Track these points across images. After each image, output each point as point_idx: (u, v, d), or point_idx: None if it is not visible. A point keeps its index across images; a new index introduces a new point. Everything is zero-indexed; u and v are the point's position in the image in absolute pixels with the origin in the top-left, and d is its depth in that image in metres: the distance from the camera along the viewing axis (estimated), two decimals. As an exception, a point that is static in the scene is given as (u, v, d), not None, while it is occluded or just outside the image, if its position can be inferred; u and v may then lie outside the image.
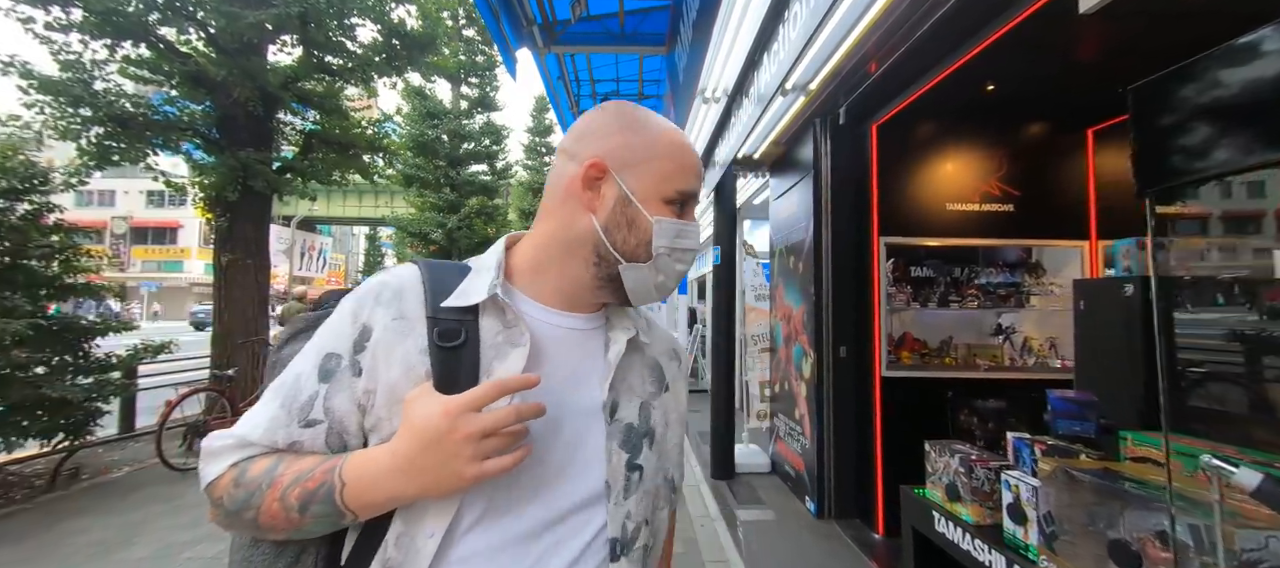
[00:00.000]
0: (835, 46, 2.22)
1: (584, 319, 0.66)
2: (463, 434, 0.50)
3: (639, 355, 0.69)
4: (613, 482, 0.61)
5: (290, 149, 6.65)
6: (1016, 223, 3.14)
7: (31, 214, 4.20)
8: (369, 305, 0.58)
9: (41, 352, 3.94)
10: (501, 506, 0.56)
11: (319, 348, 0.58)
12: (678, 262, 0.63)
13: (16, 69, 4.65)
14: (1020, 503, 1.37)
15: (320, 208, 30.72)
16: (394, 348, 0.56)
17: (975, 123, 3.13)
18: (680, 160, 0.64)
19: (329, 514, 0.53)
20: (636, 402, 0.66)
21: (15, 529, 3.30)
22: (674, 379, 0.73)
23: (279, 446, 0.56)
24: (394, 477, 0.52)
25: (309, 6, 5.22)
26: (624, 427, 0.64)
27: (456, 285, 0.60)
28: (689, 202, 0.65)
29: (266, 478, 0.53)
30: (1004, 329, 3.29)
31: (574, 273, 0.64)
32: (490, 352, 0.58)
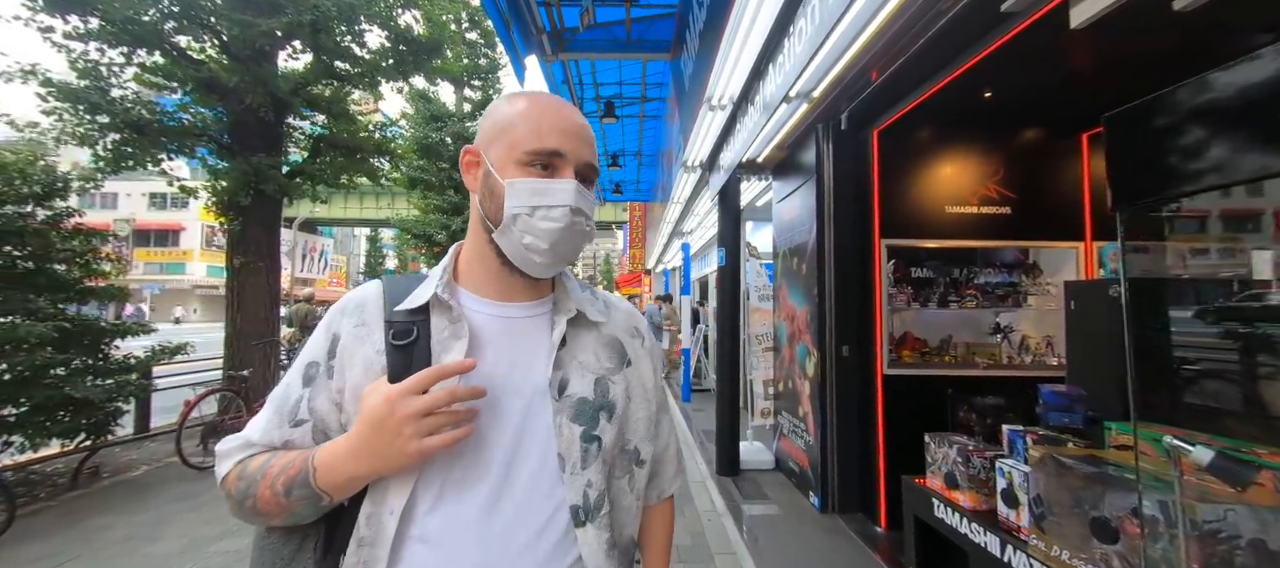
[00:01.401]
0: (838, 56, 2.32)
1: (526, 307, 0.71)
2: (402, 415, 0.57)
3: (593, 333, 0.73)
4: (566, 454, 0.66)
5: (299, 153, 6.76)
6: (1013, 225, 3.24)
7: (53, 219, 4.30)
8: (338, 318, 0.69)
9: (64, 353, 4.04)
10: (457, 484, 0.62)
11: (303, 359, 0.69)
12: (542, 219, 0.64)
13: (37, 76, 4.75)
14: (1013, 488, 1.47)
15: (322, 210, 30.85)
16: (356, 351, 0.66)
17: (973, 128, 3.23)
18: (534, 124, 0.65)
19: (308, 496, 0.61)
20: (590, 377, 0.70)
21: (41, 526, 3.40)
22: (637, 356, 0.76)
23: (276, 444, 0.66)
24: (350, 458, 0.60)
25: (320, 14, 5.32)
26: (576, 402, 0.68)
27: (409, 294, 0.68)
28: (554, 160, 0.65)
29: (261, 471, 0.63)
30: (1002, 328, 3.38)
31: (484, 257, 0.70)
32: (438, 347, 0.65)
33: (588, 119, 4.09)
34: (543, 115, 0.66)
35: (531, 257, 0.66)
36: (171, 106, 5.73)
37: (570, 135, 0.67)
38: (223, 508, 3.69)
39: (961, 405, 2.87)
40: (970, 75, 2.57)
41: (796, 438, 3.76)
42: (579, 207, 0.65)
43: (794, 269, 3.80)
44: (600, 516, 0.67)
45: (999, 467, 1.55)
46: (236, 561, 2.92)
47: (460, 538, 0.61)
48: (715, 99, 3.29)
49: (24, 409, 3.84)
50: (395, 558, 0.61)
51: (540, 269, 0.68)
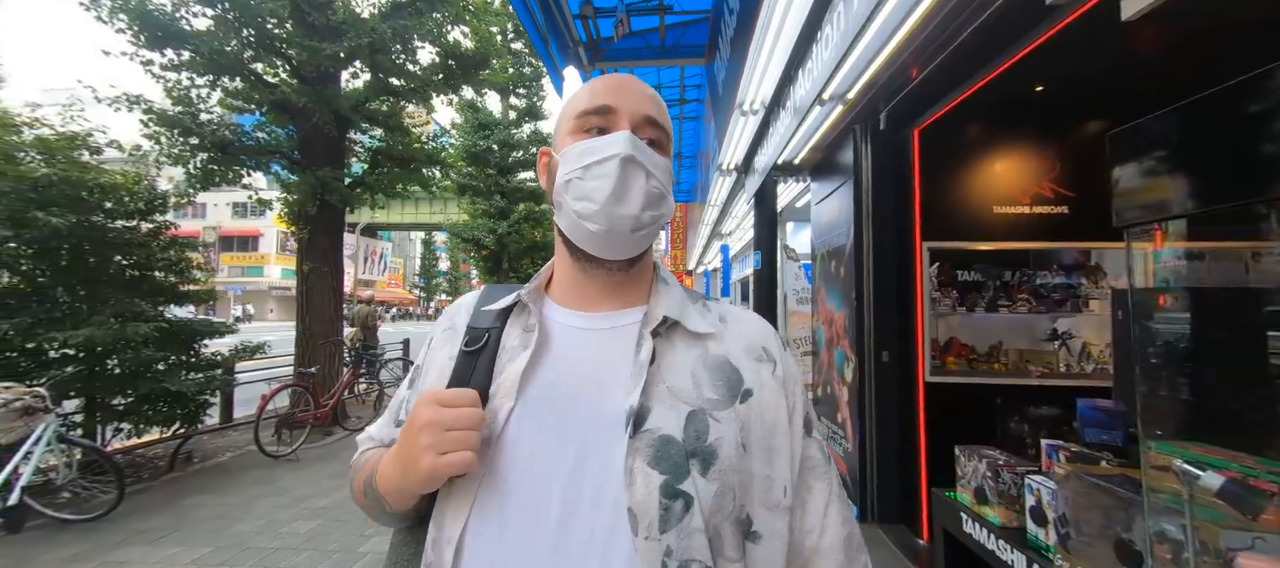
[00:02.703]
0: (871, 59, 2.28)
1: (613, 316, 0.59)
2: (421, 422, 0.50)
3: (696, 351, 0.58)
4: (638, 510, 0.49)
5: (359, 165, 7.25)
6: (1071, 225, 3.05)
7: (154, 231, 4.86)
8: (439, 323, 0.68)
9: (163, 351, 4.55)
10: (511, 521, 0.51)
11: (415, 363, 0.69)
12: (593, 178, 0.55)
13: (140, 105, 5.36)
14: (1042, 506, 1.41)
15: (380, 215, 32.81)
16: (437, 355, 0.64)
17: (1024, 124, 3.07)
18: (588, 91, 0.60)
19: (376, 498, 0.58)
20: (683, 410, 0.53)
21: (146, 503, 3.86)
22: (761, 386, 0.58)
23: (385, 442, 0.67)
24: (391, 462, 0.56)
25: (377, 36, 5.70)
26: (656, 440, 0.52)
27: (502, 297, 0.64)
28: (607, 118, 0.57)
29: (360, 466, 0.64)
30: (1059, 334, 3.18)
31: (562, 257, 0.63)
32: (507, 355, 0.58)
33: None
34: (597, 83, 0.61)
35: (586, 225, 0.55)
36: (250, 126, 6.31)
37: (620, 90, 0.58)
38: (296, 493, 4.05)
39: (1012, 416, 2.74)
40: (1019, 68, 2.45)
41: (835, 445, 3.69)
42: (634, 155, 0.54)
43: (832, 272, 3.73)
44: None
45: (1027, 483, 1.49)
46: (307, 542, 3.21)
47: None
48: (747, 104, 3.29)
49: (130, 400, 4.37)
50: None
51: (601, 243, 0.56)
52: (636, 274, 0.61)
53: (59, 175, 4.13)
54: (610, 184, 0.54)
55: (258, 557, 3.03)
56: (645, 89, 0.61)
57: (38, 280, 4.23)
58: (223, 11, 5.34)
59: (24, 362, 4.03)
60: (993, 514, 1.66)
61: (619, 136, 0.55)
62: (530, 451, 0.53)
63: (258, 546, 3.17)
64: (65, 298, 4.28)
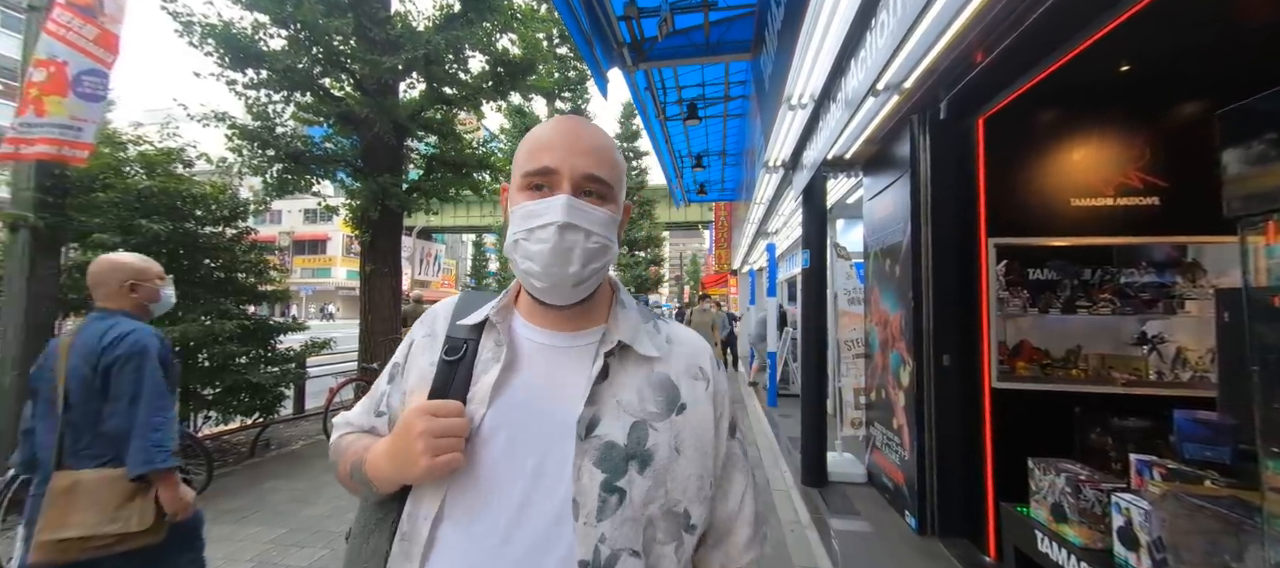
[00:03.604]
0: (930, 45, 2.15)
1: (572, 336, 0.68)
2: (418, 430, 0.59)
3: (643, 370, 0.67)
4: (581, 500, 0.60)
5: (416, 171, 7.62)
6: (1164, 217, 2.76)
7: (237, 236, 5.30)
8: (419, 325, 0.75)
9: (244, 346, 4.96)
10: (479, 507, 0.61)
11: (393, 360, 0.76)
12: (535, 241, 0.62)
13: (225, 121, 5.87)
14: (1132, 527, 1.27)
15: (434, 219, 34.41)
16: (418, 359, 0.71)
17: (1107, 108, 2.81)
18: (531, 146, 0.65)
19: (362, 481, 0.67)
20: (627, 420, 0.63)
21: (231, 486, 4.22)
22: (695, 400, 0.68)
23: (365, 428, 0.75)
24: (382, 458, 0.65)
25: (432, 48, 5.96)
26: (602, 445, 0.62)
27: (475, 310, 0.71)
28: (548, 179, 0.63)
29: (346, 449, 0.72)
30: (1150, 339, 2.89)
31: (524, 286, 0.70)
32: (480, 367, 0.66)
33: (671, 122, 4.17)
34: (541, 136, 0.65)
35: (531, 281, 0.65)
36: (319, 137, 6.77)
37: (564, 149, 0.63)
38: (357, 481, 4.31)
39: (1093, 427, 2.52)
40: (1101, 47, 2.25)
41: (891, 452, 3.52)
42: (571, 221, 0.61)
43: (887, 271, 3.56)
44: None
45: (1115, 502, 1.35)
46: (367, 528, 3.40)
47: (477, 560, 0.61)
48: (795, 98, 3.19)
49: (218, 391, 4.79)
50: (427, 558, 0.62)
51: (545, 293, 0.65)
52: (591, 302, 0.70)
53: (158, 187, 4.59)
54: (549, 248, 0.61)
55: (326, 539, 3.25)
56: (589, 141, 0.65)
57: (142, 282, 4.71)
58: (295, 32, 5.76)
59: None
60: (1073, 534, 1.52)
61: (556, 202, 0.62)
62: (501, 451, 0.62)
63: (326, 529, 3.39)
64: (164, 297, 4.74)
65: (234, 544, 3.19)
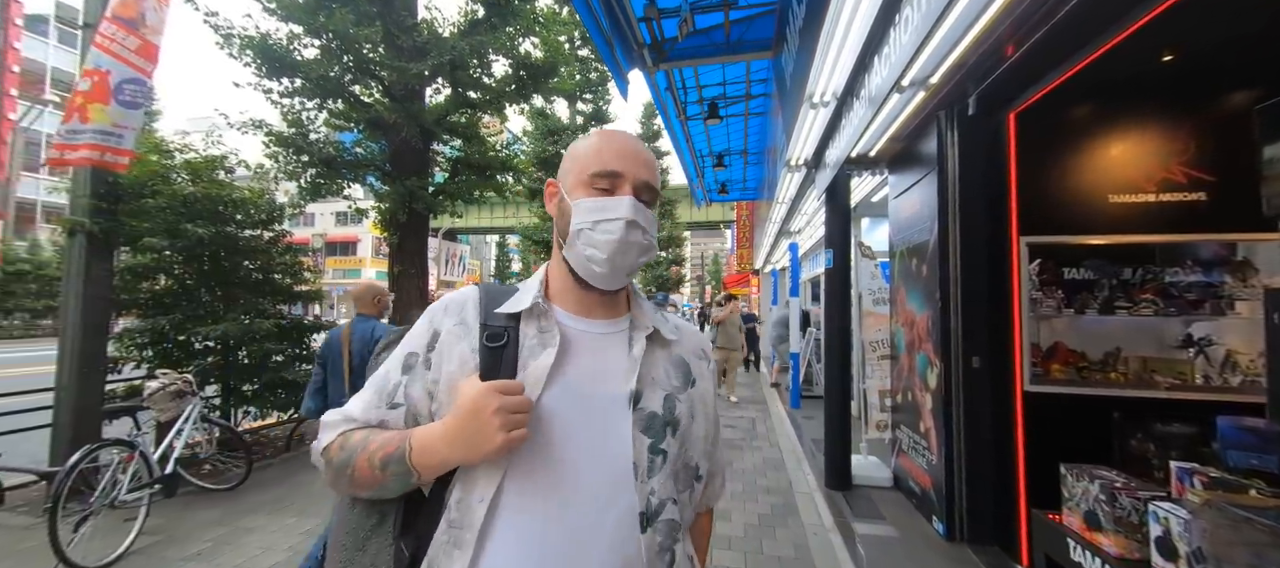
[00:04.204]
0: (957, 39, 2.10)
1: (609, 323, 0.77)
2: (494, 408, 0.63)
3: (665, 353, 0.79)
4: (638, 463, 0.70)
5: (441, 174, 7.79)
6: (1211, 214, 2.63)
7: (274, 238, 5.52)
8: (439, 315, 0.77)
9: (281, 344, 5.16)
10: (538, 481, 0.67)
11: (404, 349, 0.77)
12: (602, 232, 0.71)
13: (262, 129, 6.12)
14: (1171, 537, 1.22)
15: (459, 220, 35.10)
16: (454, 347, 0.73)
17: (1148, 99, 2.69)
18: (596, 151, 0.74)
19: (402, 473, 0.68)
20: (661, 393, 0.75)
21: (269, 477, 4.40)
22: (701, 376, 0.82)
23: (372, 422, 0.74)
24: (443, 443, 0.66)
25: (457, 53, 6.09)
26: (647, 415, 0.72)
27: (505, 300, 0.76)
28: (613, 181, 0.73)
29: (361, 444, 0.70)
30: (1196, 341, 2.75)
31: (563, 274, 0.77)
32: (526, 351, 0.71)
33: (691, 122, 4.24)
34: (605, 143, 0.75)
35: (592, 267, 0.72)
36: (350, 142, 6.99)
37: (628, 158, 0.74)
38: (386, 476, 4.43)
39: (1134, 433, 2.42)
40: (1142, 36, 2.16)
41: (917, 456, 3.44)
42: (635, 219, 0.72)
43: (913, 271, 3.48)
44: (659, 522, 0.71)
45: (1153, 510, 1.29)
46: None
47: (539, 531, 0.66)
48: (816, 96, 3.15)
49: (256, 387, 4.99)
50: (483, 541, 0.66)
51: (601, 279, 0.74)
52: (620, 292, 0.80)
53: (201, 193, 4.81)
54: (616, 240, 0.71)
55: (357, 532, 3.35)
56: (646, 156, 0.77)
57: (186, 283, 4.95)
58: (327, 42, 5.96)
59: (176, 352, 4.74)
60: (1108, 543, 1.46)
61: (624, 202, 0.72)
62: (559, 427, 0.69)
63: (357, 522, 3.50)
64: (206, 297, 4.98)
65: (270, 534, 3.33)
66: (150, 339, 4.61)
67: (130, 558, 2.99)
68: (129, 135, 3.84)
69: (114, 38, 3.73)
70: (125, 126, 3.80)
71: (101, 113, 3.69)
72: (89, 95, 3.67)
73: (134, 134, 3.90)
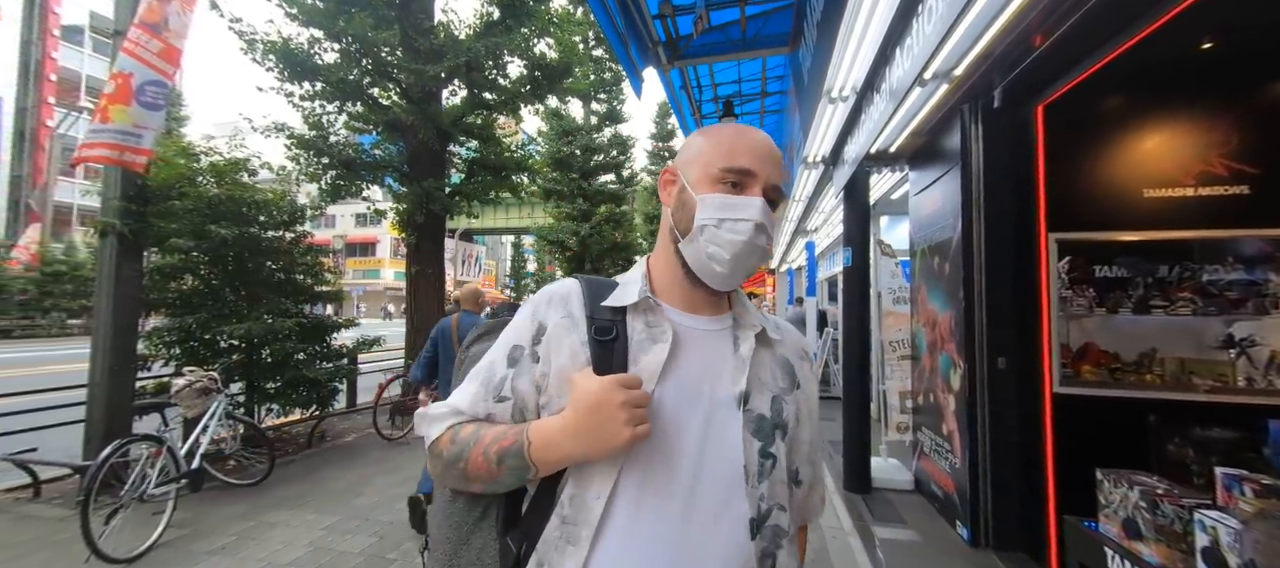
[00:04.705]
0: (983, 30, 2.03)
1: (713, 321, 0.74)
2: (620, 401, 0.62)
3: (769, 353, 0.75)
4: (749, 466, 0.68)
5: (458, 175, 7.87)
6: (1255, 208, 2.50)
7: (295, 239, 5.63)
8: (543, 308, 0.74)
9: (302, 343, 5.26)
10: (653, 481, 0.66)
11: (507, 342, 0.75)
12: (728, 231, 0.68)
13: (284, 132, 6.25)
14: (1219, 548, 1.15)
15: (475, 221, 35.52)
16: (563, 340, 0.71)
17: (1185, 89, 2.58)
18: (728, 146, 0.71)
19: (518, 467, 0.66)
20: (768, 395, 0.72)
21: (290, 474, 4.48)
22: (805, 379, 0.79)
23: (479, 416, 0.73)
24: (567, 438, 0.64)
25: (472, 55, 6.14)
26: (756, 417, 0.70)
27: (608, 294, 0.74)
28: (744, 179, 0.70)
29: (473, 438, 0.69)
30: (1238, 341, 2.63)
31: (672, 268, 0.75)
32: (636, 346, 0.70)
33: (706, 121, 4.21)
34: (737, 139, 0.72)
35: (713, 266, 0.70)
36: (368, 144, 7.09)
37: (761, 157, 0.71)
38: (407, 473, 4.47)
39: (1172, 437, 2.32)
40: (1179, 22, 2.07)
41: (940, 459, 3.36)
42: (763, 223, 0.69)
43: (935, 269, 3.39)
44: (767, 528, 0.69)
45: (1199, 519, 1.22)
46: (413, 518, 3.54)
47: (654, 531, 0.64)
48: (835, 91, 3.09)
49: (279, 385, 5.09)
50: (597, 539, 0.65)
51: (719, 280, 0.71)
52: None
53: (226, 195, 4.93)
54: (742, 241, 0.68)
55: (374, 528, 3.40)
56: (777, 155, 0.73)
57: (212, 283, 5.08)
58: (346, 45, 6.06)
59: (203, 350, 4.86)
60: (1149, 553, 1.40)
61: (755, 203, 0.69)
62: (671, 423, 0.67)
63: (375, 518, 3.55)
64: (231, 297, 5.09)
65: (292, 529, 3.39)
66: (178, 338, 4.73)
67: (158, 550, 3.07)
68: (148, 136, 3.93)
69: (138, 42, 3.84)
70: (145, 127, 3.89)
71: (122, 113, 3.78)
72: (112, 97, 3.77)
73: (154, 135, 4.00)
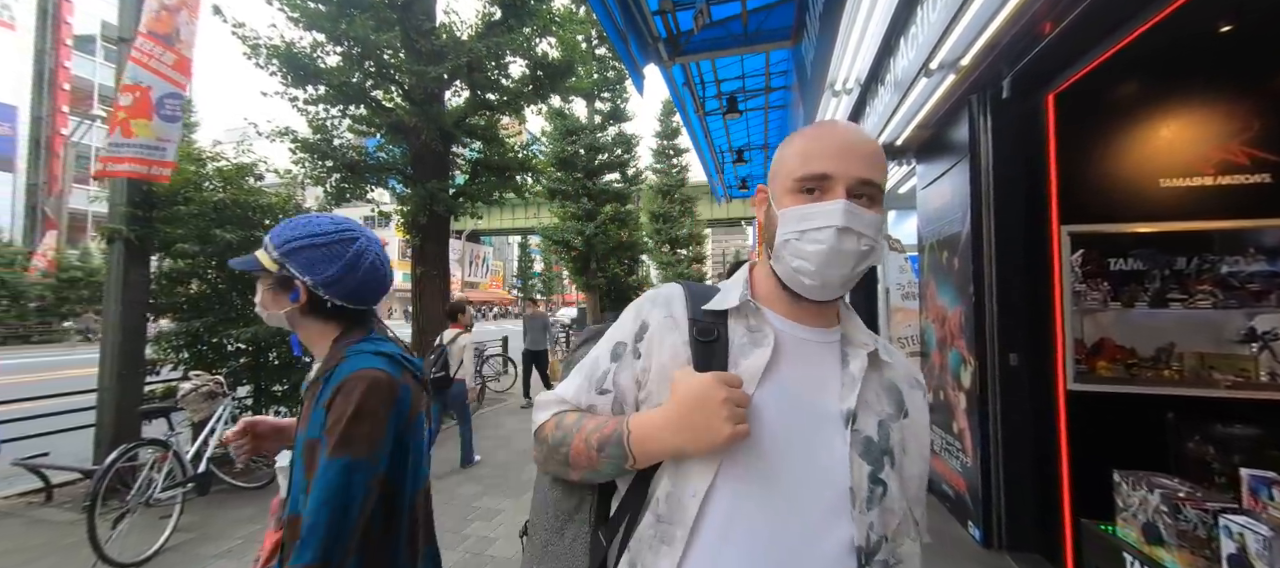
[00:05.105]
0: (990, 17, 1.98)
1: (820, 332, 0.72)
2: (722, 397, 0.62)
3: (877, 374, 0.71)
4: (856, 489, 0.64)
5: (461, 176, 7.88)
6: (1276, 198, 2.42)
7: (300, 244, 5.64)
8: (647, 308, 0.75)
9: (308, 346, 5.27)
10: (751, 487, 0.64)
11: (611, 338, 0.76)
12: (809, 242, 0.66)
13: (288, 136, 6.28)
14: (1248, 555, 1.09)
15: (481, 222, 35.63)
16: (665, 338, 0.72)
17: (1202, 75, 2.49)
18: (803, 152, 0.69)
19: (618, 456, 0.67)
20: (874, 418, 0.68)
21: (297, 476, 4.49)
22: (916, 408, 0.73)
23: (582, 406, 0.75)
24: (666, 431, 0.65)
25: (474, 55, 6.13)
26: (863, 439, 0.66)
27: (710, 299, 0.74)
28: (821, 183, 0.66)
29: (576, 425, 0.72)
30: (1260, 335, 2.54)
31: (772, 279, 0.73)
32: (737, 349, 0.69)
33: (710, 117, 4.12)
34: (812, 143, 0.69)
35: (801, 278, 0.68)
36: (372, 147, 7.12)
37: (838, 155, 0.67)
38: (410, 476, 4.47)
39: (1191, 436, 2.25)
40: (1194, 5, 1.99)
41: (950, 458, 3.29)
42: (849, 225, 0.64)
43: (943, 264, 3.32)
44: (876, 561, 0.64)
45: (1225, 524, 1.16)
46: (418, 521, 3.53)
47: (751, 535, 0.63)
48: (839, 83, 3.03)
49: (285, 387, 5.12)
50: (693, 540, 0.63)
51: (812, 290, 0.68)
52: (833, 301, 0.73)
53: (231, 199, 4.95)
54: (825, 250, 0.65)
55: (380, 531, 3.39)
56: (862, 147, 0.68)
57: (218, 287, 5.10)
58: (349, 48, 6.08)
59: (210, 354, 4.89)
60: (1171, 559, 1.34)
61: (835, 208, 0.65)
62: (771, 430, 0.65)
63: (380, 521, 3.54)
64: (238, 301, 5.12)
65: (298, 533, 3.39)
66: (185, 342, 4.76)
67: (165, 554, 3.08)
68: (171, 148, 3.99)
69: (152, 54, 3.86)
70: (168, 140, 3.95)
71: (145, 127, 3.83)
72: (132, 110, 3.81)
73: (174, 146, 4.05)
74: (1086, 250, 2.65)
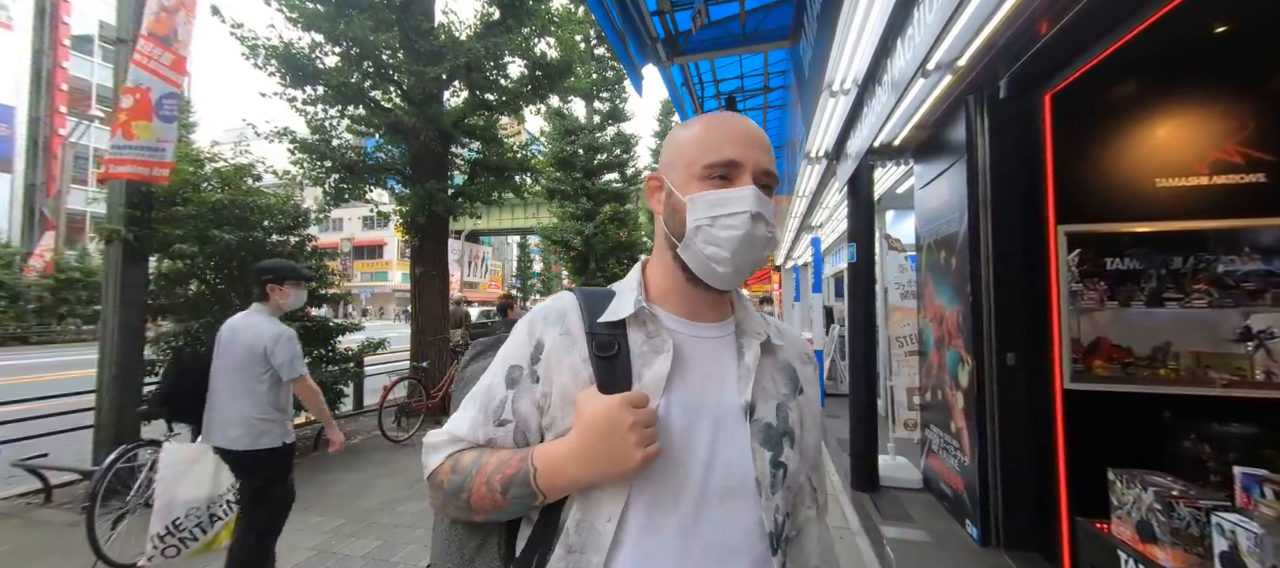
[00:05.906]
0: (986, 18, 1.98)
1: (715, 327, 0.71)
2: (630, 422, 0.59)
3: (771, 358, 0.72)
4: (761, 479, 0.65)
5: (460, 176, 7.87)
6: (1272, 197, 2.43)
7: (299, 244, 5.65)
8: (540, 325, 0.70)
9: (308, 346, 5.27)
10: (662, 499, 0.63)
11: (504, 361, 0.70)
12: (722, 228, 0.65)
13: (287, 136, 6.27)
14: (1239, 553, 1.10)
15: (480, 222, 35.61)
16: (562, 358, 0.67)
17: (1198, 75, 2.50)
18: (708, 138, 0.67)
19: (525, 495, 0.63)
20: (773, 403, 0.69)
21: (296, 477, 4.48)
22: (807, 382, 0.75)
23: (480, 442, 0.69)
24: (575, 464, 0.61)
25: (473, 55, 6.13)
26: (763, 426, 0.67)
27: (605, 306, 0.70)
28: (731, 170, 0.66)
29: (474, 466, 0.66)
30: (1255, 334, 2.55)
31: (671, 274, 0.71)
32: (638, 360, 0.66)
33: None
34: (716, 129, 0.68)
35: (714, 267, 0.66)
36: (371, 147, 7.11)
37: (745, 143, 0.67)
38: (412, 475, 4.48)
39: (1187, 434, 2.27)
40: (1190, 5, 2.01)
41: (948, 457, 3.30)
42: (759, 212, 0.65)
43: (941, 263, 3.34)
44: (783, 543, 0.67)
45: (1217, 522, 1.17)
46: (419, 520, 3.54)
47: (666, 550, 0.62)
48: (836, 84, 3.04)
49: (285, 388, 5.11)
50: (610, 561, 0.62)
51: (724, 279, 0.68)
52: (727, 293, 0.73)
53: (230, 200, 4.95)
54: (740, 235, 0.64)
55: (379, 531, 3.40)
56: (762, 138, 0.69)
57: (217, 287, 5.10)
58: (347, 48, 6.07)
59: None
60: (1164, 557, 1.35)
61: (747, 193, 0.65)
62: (678, 437, 0.64)
63: (380, 521, 3.55)
64: (236, 301, 5.12)
65: (296, 532, 3.39)
66: (185, 342, 4.76)
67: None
68: (169, 148, 3.99)
69: (151, 55, 3.87)
70: (166, 141, 3.95)
71: (145, 129, 3.83)
72: (133, 113, 3.81)
73: (172, 147, 4.05)
74: (1083, 250, 2.66)
